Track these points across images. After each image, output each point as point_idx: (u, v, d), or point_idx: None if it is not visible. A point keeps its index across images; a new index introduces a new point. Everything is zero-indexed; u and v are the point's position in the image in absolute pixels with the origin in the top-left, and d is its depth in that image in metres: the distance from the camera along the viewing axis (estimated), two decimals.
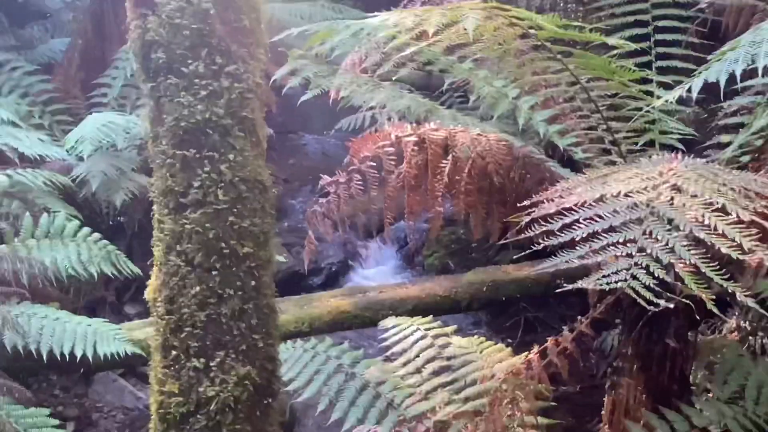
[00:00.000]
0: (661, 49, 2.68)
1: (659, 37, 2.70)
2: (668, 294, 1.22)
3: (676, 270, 1.13)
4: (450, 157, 1.79)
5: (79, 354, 3.26)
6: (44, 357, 3.25)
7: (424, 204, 2.00)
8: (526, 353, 2.37)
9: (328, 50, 2.38)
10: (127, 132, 4.22)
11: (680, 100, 1.99)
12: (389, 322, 2.81)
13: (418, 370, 2.65)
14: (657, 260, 1.12)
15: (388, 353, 2.72)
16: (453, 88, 2.97)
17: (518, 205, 1.59)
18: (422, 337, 2.74)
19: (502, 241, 1.97)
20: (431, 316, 2.98)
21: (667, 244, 1.13)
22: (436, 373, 2.62)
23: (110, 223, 4.52)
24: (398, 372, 2.67)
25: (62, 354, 3.24)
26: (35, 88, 4.87)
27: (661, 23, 2.73)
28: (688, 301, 1.34)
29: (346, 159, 2.06)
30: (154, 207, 1.75)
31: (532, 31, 1.63)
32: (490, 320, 4.55)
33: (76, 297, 4.09)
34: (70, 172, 4.13)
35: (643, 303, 1.11)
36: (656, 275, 1.11)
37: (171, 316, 1.67)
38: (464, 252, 4.73)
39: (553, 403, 2.58)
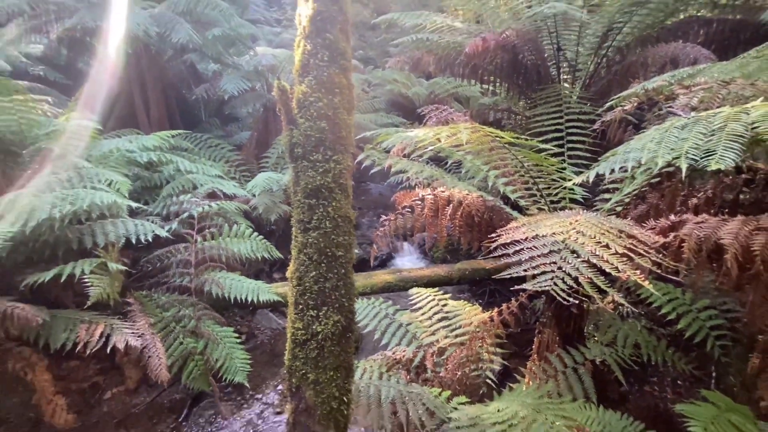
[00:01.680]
0: (570, 145, 2.62)
1: (570, 138, 2.64)
2: (574, 294, 1.18)
3: (579, 280, 1.10)
4: (450, 205, 1.79)
5: (249, 299, 3.31)
6: (231, 300, 3.33)
7: (436, 228, 1.99)
8: (490, 312, 2.32)
9: (385, 144, 2.39)
10: (279, 182, 4.27)
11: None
12: (414, 290, 2.79)
13: (429, 318, 2.62)
14: (568, 274, 1.10)
15: (414, 307, 2.71)
16: (453, 163, 2.96)
17: (488, 233, 1.57)
18: (432, 299, 2.70)
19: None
20: (437, 287, 2.96)
21: (574, 266, 1.11)
22: (439, 320, 2.59)
23: (267, 230, 4.53)
24: (418, 318, 2.65)
25: (240, 298, 3.30)
26: (232, 158, 4.97)
27: (571, 131, 2.67)
28: (583, 297, 1.30)
29: (393, 198, 2.09)
30: (293, 228, 1.76)
31: (498, 139, 1.62)
32: (470, 290, 4.46)
33: (248, 269, 4.07)
34: (248, 202, 4.20)
35: (559, 298, 1.08)
36: (567, 283, 1.09)
37: (300, 287, 1.68)
38: (456, 251, 4.62)
39: (504, 341, 2.51)
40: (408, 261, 4.99)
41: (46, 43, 4.55)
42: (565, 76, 3.58)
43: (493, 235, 1.40)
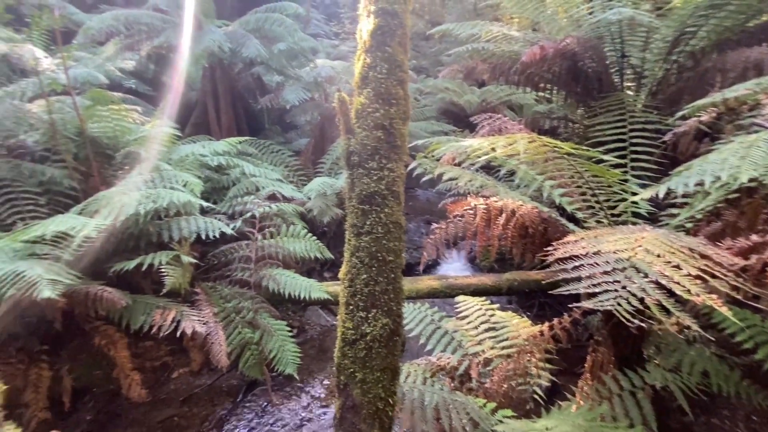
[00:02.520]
0: (634, 156, 2.41)
1: (633, 149, 2.43)
2: (637, 315, 1.08)
3: (645, 301, 1.01)
4: (503, 215, 1.73)
5: (302, 296, 3.41)
6: (285, 295, 3.47)
7: (487, 238, 1.93)
8: (540, 325, 2.21)
9: (437, 153, 2.36)
10: (332, 186, 4.38)
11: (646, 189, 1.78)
12: (461, 298, 2.72)
13: (475, 327, 2.54)
14: (633, 294, 1.01)
15: (459, 315, 2.65)
16: (505, 173, 2.85)
17: (542, 245, 1.49)
18: (478, 309, 2.62)
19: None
20: (483, 297, 2.87)
21: (640, 286, 1.01)
22: (485, 330, 2.50)
23: (319, 231, 4.61)
24: (464, 326, 2.58)
25: (294, 295, 3.41)
26: (291, 163, 5.18)
27: (635, 141, 2.47)
28: (649, 321, 1.19)
29: (441, 206, 2.06)
30: (346, 232, 1.80)
31: (556, 149, 1.54)
32: (517, 301, 4.26)
33: (301, 267, 4.19)
34: (304, 205, 4.33)
35: (623, 320, 1.00)
36: (631, 303, 1.00)
37: (351, 288, 1.71)
38: (505, 261, 4.45)
39: (554, 356, 2.38)
40: (454, 268, 4.89)
41: (137, 59, 5.06)
42: (629, 84, 3.33)
43: (550, 248, 1.33)
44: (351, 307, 1.71)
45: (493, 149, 1.50)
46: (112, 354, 3.11)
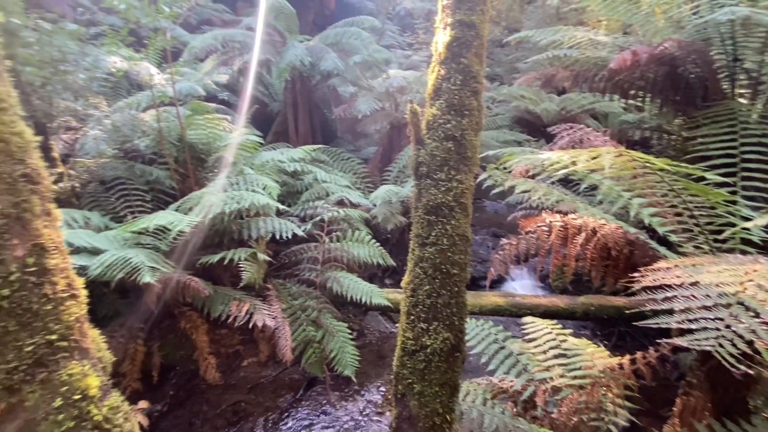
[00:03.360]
0: (746, 174, 2.08)
1: (745, 166, 2.09)
2: (743, 358, 0.93)
3: (755, 345, 0.86)
4: (582, 234, 1.61)
5: (363, 300, 3.49)
6: (348, 298, 3.58)
7: (563, 258, 1.81)
8: (619, 357, 2.00)
9: (510, 164, 2.28)
10: (398, 194, 4.43)
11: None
12: (529, 318, 2.57)
13: (544, 352, 2.38)
14: (740, 336, 0.87)
15: (527, 337, 2.50)
16: (586, 187, 2.65)
17: (627, 270, 1.36)
18: (549, 332, 2.45)
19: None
20: (554, 320, 2.67)
21: (749, 327, 0.87)
22: (555, 356, 2.33)
23: (382, 238, 4.63)
24: (531, 350, 2.43)
25: (356, 298, 3.51)
26: (359, 171, 5.35)
27: (748, 156, 2.13)
28: (758, 367, 1.01)
29: (510, 220, 1.97)
30: (410, 241, 1.81)
31: (648, 165, 1.40)
32: (593, 329, 3.89)
33: (364, 272, 4.28)
34: (369, 211, 4.45)
35: (726, 365, 0.86)
36: (737, 346, 0.86)
37: (413, 298, 1.72)
38: (580, 283, 4.11)
39: (634, 393, 2.13)
40: (522, 285, 4.63)
41: (229, 73, 5.63)
42: (742, 91, 2.90)
43: (636, 274, 1.20)
44: (412, 317, 1.71)
45: (574, 163, 1.41)
46: (194, 337, 3.47)
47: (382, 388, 3.45)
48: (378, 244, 3.93)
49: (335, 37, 5.06)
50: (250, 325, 3.12)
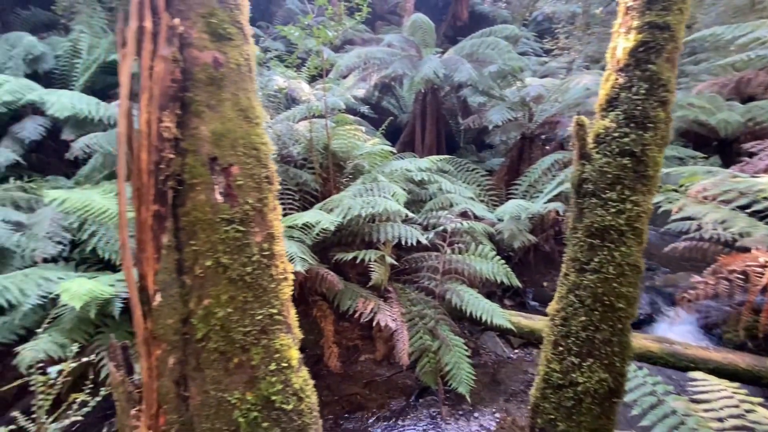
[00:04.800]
0: None
1: None
2: None
3: None
4: None
5: (483, 318, 3.37)
6: (467, 313, 3.49)
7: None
8: None
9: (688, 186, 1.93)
10: (527, 210, 4.18)
11: None
12: (700, 374, 2.11)
13: (719, 420, 1.92)
14: None
15: (695, 396, 2.05)
16: None
17: None
18: (728, 397, 1.97)
19: None
20: (732, 381, 2.13)
21: None
22: (735, 429, 1.86)
23: (504, 255, 4.45)
24: (700, 412, 1.99)
25: (475, 315, 3.40)
26: (483, 182, 5.21)
27: None
28: None
29: (668, 249, 1.64)
30: (562, 265, 1.67)
31: None
32: None
33: (482, 288, 4.13)
34: (494, 226, 4.30)
35: None
36: None
37: (563, 327, 1.57)
38: (761, 338, 3.23)
39: None
40: (678, 331, 3.86)
41: (366, 87, 6.09)
42: None
43: None
44: (561, 348, 1.57)
45: None
46: (322, 326, 3.82)
47: (497, 415, 3.26)
48: (504, 261, 3.75)
49: (471, 48, 5.05)
50: (374, 323, 3.28)
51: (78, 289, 2.69)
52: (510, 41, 5.94)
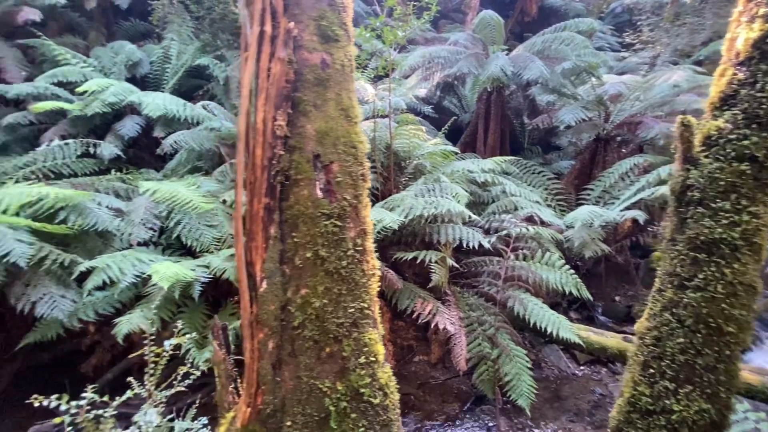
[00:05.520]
0: None
1: None
2: None
3: None
4: None
5: (548, 329, 3.20)
6: (530, 323, 3.32)
7: None
8: None
9: None
10: (601, 217, 3.89)
11: None
12: None
13: None
14: None
15: None
16: None
17: None
18: None
19: None
20: None
21: None
22: None
23: (572, 264, 4.17)
24: None
25: (539, 326, 3.25)
26: (550, 186, 4.94)
27: None
28: None
29: None
30: (656, 280, 1.52)
31: None
32: None
33: (547, 298, 3.92)
34: (562, 233, 4.07)
35: None
36: None
37: (655, 348, 1.44)
38: None
39: None
40: None
41: (428, 87, 6.05)
42: None
43: None
44: (652, 371, 1.43)
45: None
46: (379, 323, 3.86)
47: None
48: (573, 270, 3.53)
49: (542, 44, 4.81)
50: (432, 325, 3.25)
51: (166, 272, 2.98)
52: (584, 36, 5.57)
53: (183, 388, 1.49)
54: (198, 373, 1.55)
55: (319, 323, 1.12)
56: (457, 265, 3.63)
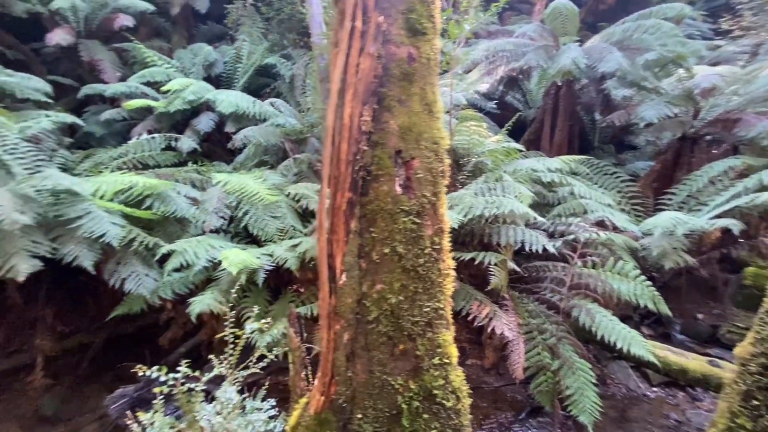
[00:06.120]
0: None
1: None
2: None
3: None
4: None
5: (617, 344, 2.99)
6: (597, 336, 3.11)
7: None
8: None
9: None
10: (686, 225, 3.51)
11: None
12: None
13: None
14: None
15: None
16: None
17: None
18: None
19: None
20: None
21: None
22: None
23: (647, 276, 3.87)
24: None
25: (607, 339, 3.02)
26: (624, 189, 4.59)
27: None
28: None
29: None
30: (765, 300, 1.34)
31: None
32: None
33: (617, 310, 3.62)
34: (638, 240, 3.76)
35: None
36: None
37: (762, 378, 1.27)
38: None
39: None
40: None
41: (490, 82, 5.84)
42: None
43: None
44: (756, 402, 1.27)
45: None
46: None
47: None
48: (649, 282, 3.24)
49: (622, 34, 4.43)
50: (488, 329, 3.16)
51: (234, 258, 3.20)
52: (672, 23, 5.04)
53: (258, 370, 1.59)
54: (272, 357, 1.65)
55: (394, 320, 1.13)
56: (518, 269, 3.49)
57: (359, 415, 1.12)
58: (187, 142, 4.66)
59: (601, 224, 3.73)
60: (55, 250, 3.28)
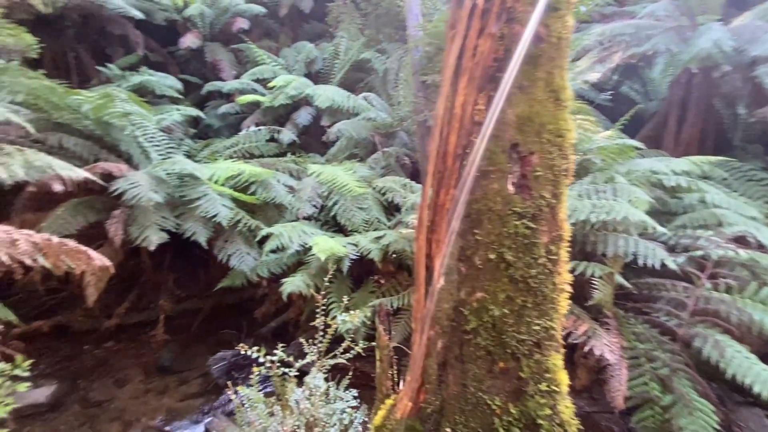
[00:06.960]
0: None
1: None
2: None
3: None
4: None
5: (755, 388, 2.48)
6: (727, 373, 2.61)
7: None
8: None
9: None
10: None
11: None
12: None
13: None
14: None
15: None
16: None
17: None
18: None
19: None
20: None
21: None
22: None
23: None
24: None
25: (740, 380, 2.53)
26: None
27: None
28: None
29: None
30: None
31: None
32: None
33: (757, 347, 3.03)
34: None
35: None
36: None
37: None
38: None
39: None
40: None
41: (603, 71, 5.21)
42: None
43: None
44: None
45: None
46: None
47: None
48: None
49: None
50: (585, 348, 2.86)
51: (324, 245, 3.38)
52: None
53: (344, 360, 1.65)
54: (359, 349, 1.69)
55: (496, 334, 1.03)
56: (627, 284, 3.09)
57: (448, 429, 1.06)
58: (287, 135, 5.05)
59: (741, 240, 3.11)
60: (178, 225, 3.83)
